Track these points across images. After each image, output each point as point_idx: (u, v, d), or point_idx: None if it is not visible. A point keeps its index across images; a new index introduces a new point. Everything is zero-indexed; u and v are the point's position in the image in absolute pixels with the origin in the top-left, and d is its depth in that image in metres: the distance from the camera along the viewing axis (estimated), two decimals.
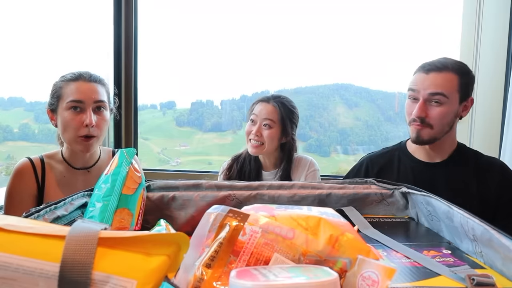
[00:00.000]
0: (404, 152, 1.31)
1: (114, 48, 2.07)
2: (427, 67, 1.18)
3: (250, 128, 1.52)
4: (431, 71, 1.17)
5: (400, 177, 1.27)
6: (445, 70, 1.16)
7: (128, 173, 0.79)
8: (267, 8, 2.60)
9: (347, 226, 0.53)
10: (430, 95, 1.15)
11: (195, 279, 0.47)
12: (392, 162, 1.31)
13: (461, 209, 0.70)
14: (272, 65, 2.59)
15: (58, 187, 1.25)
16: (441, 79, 1.15)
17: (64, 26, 2.19)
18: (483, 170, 1.21)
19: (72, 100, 1.17)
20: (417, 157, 1.27)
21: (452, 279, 0.55)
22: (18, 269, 0.35)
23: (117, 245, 0.37)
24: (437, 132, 1.18)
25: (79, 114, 1.18)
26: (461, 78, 1.17)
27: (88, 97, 1.18)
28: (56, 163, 1.27)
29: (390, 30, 2.49)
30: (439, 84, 1.15)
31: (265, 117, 1.49)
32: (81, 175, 1.28)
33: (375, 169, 1.32)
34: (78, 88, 1.19)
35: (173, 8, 2.63)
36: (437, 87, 1.15)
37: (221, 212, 0.52)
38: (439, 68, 1.16)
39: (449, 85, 1.15)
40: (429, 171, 1.24)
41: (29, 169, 1.23)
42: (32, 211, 0.67)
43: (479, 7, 1.80)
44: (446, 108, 1.16)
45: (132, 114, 2.12)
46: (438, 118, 1.16)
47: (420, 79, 1.18)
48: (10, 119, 2.60)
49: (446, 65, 1.17)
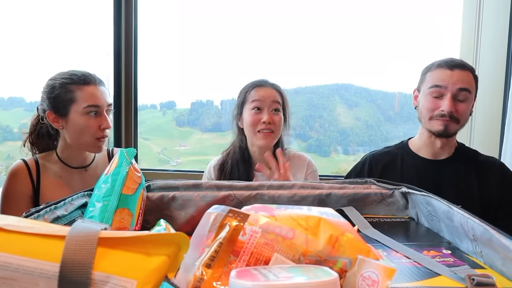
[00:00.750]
0: (407, 151, 1.32)
1: (114, 48, 2.07)
2: (450, 63, 1.21)
3: (257, 117, 1.31)
4: (455, 67, 1.20)
5: (404, 175, 1.28)
6: (465, 68, 1.21)
7: (128, 173, 0.79)
8: (267, 8, 2.60)
9: (347, 226, 0.53)
10: (458, 90, 1.18)
11: (195, 279, 0.47)
12: (395, 160, 1.32)
13: (461, 209, 0.70)
14: (272, 65, 2.59)
15: (54, 187, 1.26)
16: (465, 75, 1.20)
17: (64, 26, 2.20)
18: (484, 169, 1.23)
19: (91, 105, 1.20)
20: (421, 155, 1.29)
21: (452, 279, 0.55)
22: (18, 269, 0.35)
23: (117, 245, 0.37)
24: (461, 126, 1.23)
25: (96, 118, 1.22)
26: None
27: (103, 101, 1.23)
28: (52, 163, 1.28)
29: (390, 30, 2.49)
30: (465, 80, 1.19)
31: (273, 100, 1.32)
32: (78, 174, 1.30)
33: (379, 167, 1.32)
34: (93, 93, 1.21)
35: (173, 8, 2.63)
36: (464, 83, 1.18)
37: (221, 212, 0.52)
38: (461, 66, 1.21)
39: (472, 82, 1.21)
40: (433, 168, 1.26)
41: (24, 171, 1.24)
42: (32, 211, 0.67)
43: (479, 7, 1.80)
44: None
45: (132, 114, 2.12)
46: (464, 113, 1.20)
47: (446, 75, 1.20)
48: (10, 119, 2.60)
49: (465, 64, 1.22)
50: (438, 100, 1.20)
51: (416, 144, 1.31)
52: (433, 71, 1.23)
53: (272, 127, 1.31)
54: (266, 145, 1.35)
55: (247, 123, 1.34)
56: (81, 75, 1.23)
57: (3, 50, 2.01)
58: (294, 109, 2.82)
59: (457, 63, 1.21)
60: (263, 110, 1.31)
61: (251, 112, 1.33)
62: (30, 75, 2.25)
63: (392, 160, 1.32)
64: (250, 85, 1.38)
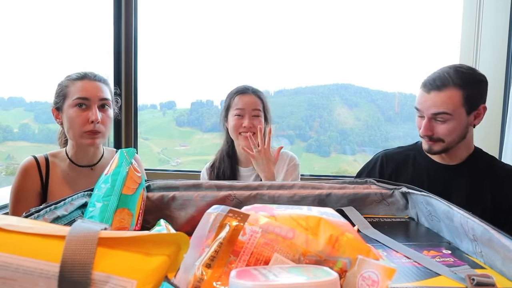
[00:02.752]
0: (420, 152, 1.30)
1: (114, 48, 2.07)
2: (428, 86, 1.17)
3: (239, 121, 1.48)
4: (433, 90, 1.15)
5: (415, 176, 1.27)
6: (446, 88, 1.13)
7: (128, 173, 0.79)
8: (267, 9, 2.60)
9: (347, 226, 0.53)
10: (433, 115, 1.16)
11: (195, 279, 0.47)
12: (407, 161, 1.31)
13: (461, 209, 0.70)
14: (272, 65, 2.59)
15: (62, 185, 1.28)
16: (442, 98, 1.14)
17: (64, 26, 2.19)
18: (500, 177, 1.20)
19: (78, 97, 1.21)
20: (433, 158, 1.27)
21: (452, 279, 0.55)
22: (18, 269, 0.35)
23: (117, 245, 0.37)
24: (449, 144, 1.18)
25: (85, 111, 1.22)
26: (465, 91, 1.13)
27: (94, 95, 1.23)
28: (61, 161, 1.31)
29: (390, 30, 2.49)
30: (440, 103, 1.14)
31: (253, 108, 1.48)
32: (85, 173, 1.31)
33: (391, 166, 1.31)
34: (84, 87, 1.23)
35: (173, 8, 2.63)
36: (438, 107, 1.14)
37: (221, 212, 0.52)
38: (439, 87, 1.14)
39: (451, 103, 1.13)
40: (444, 172, 1.24)
41: (34, 167, 1.27)
42: (32, 211, 0.67)
43: (479, 7, 1.80)
44: (451, 124, 1.15)
45: (132, 114, 2.12)
46: (446, 134, 1.16)
47: (422, 99, 1.18)
48: (10, 119, 2.60)
49: (447, 82, 1.14)
50: (422, 120, 1.20)
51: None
52: (419, 90, 1.22)
53: (253, 130, 1.47)
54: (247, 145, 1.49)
55: (231, 127, 1.51)
56: (81, 72, 1.26)
57: (3, 50, 2.01)
58: (294, 109, 2.82)
59: (435, 85, 1.15)
60: (244, 116, 1.48)
61: (234, 117, 1.49)
62: (30, 75, 2.24)
63: (404, 160, 1.31)
64: (234, 92, 1.53)
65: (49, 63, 2.18)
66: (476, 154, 1.25)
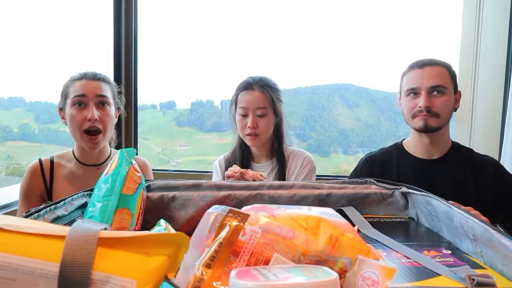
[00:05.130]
0: (402, 151, 1.35)
1: (114, 48, 2.07)
2: (419, 63, 1.26)
3: (243, 122, 1.40)
4: (425, 65, 1.24)
5: (401, 175, 1.30)
6: (436, 64, 1.24)
7: (128, 173, 0.79)
8: (267, 8, 2.60)
9: (347, 226, 0.53)
10: (432, 88, 1.22)
11: (195, 279, 0.47)
12: (391, 160, 1.35)
13: (461, 209, 0.70)
14: (272, 65, 2.59)
15: (67, 184, 1.30)
16: (436, 71, 1.23)
17: (64, 26, 2.20)
18: (478, 167, 1.27)
19: (75, 95, 1.22)
20: (416, 155, 1.32)
21: (452, 279, 0.55)
22: (18, 269, 0.35)
23: (117, 245, 0.37)
24: (443, 120, 1.24)
25: (83, 110, 1.22)
26: (449, 71, 1.25)
27: (90, 92, 1.23)
28: (67, 161, 1.32)
29: (390, 30, 2.49)
30: (437, 75, 1.23)
31: (257, 106, 1.39)
32: (91, 172, 1.31)
33: (377, 166, 1.35)
34: (82, 85, 1.24)
35: (173, 8, 2.63)
36: (435, 79, 1.22)
37: (221, 212, 0.52)
38: (432, 62, 1.25)
39: (444, 77, 1.23)
40: (428, 167, 1.28)
41: (37, 170, 1.30)
42: (32, 211, 0.67)
43: (479, 7, 1.80)
44: (447, 97, 1.23)
45: (132, 114, 2.12)
46: (442, 107, 1.22)
47: (417, 75, 1.25)
48: (10, 119, 2.60)
49: (435, 61, 1.25)
50: (416, 98, 1.25)
51: (410, 144, 1.34)
52: (407, 73, 1.29)
53: (257, 131, 1.40)
54: (254, 146, 1.45)
55: (237, 126, 1.45)
56: (81, 72, 1.27)
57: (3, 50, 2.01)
58: (294, 109, 2.82)
59: (426, 61, 1.25)
60: (248, 115, 1.40)
61: (239, 117, 1.43)
62: (30, 75, 2.25)
63: (388, 160, 1.35)
64: (240, 88, 1.45)
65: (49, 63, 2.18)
66: (454, 148, 1.32)
